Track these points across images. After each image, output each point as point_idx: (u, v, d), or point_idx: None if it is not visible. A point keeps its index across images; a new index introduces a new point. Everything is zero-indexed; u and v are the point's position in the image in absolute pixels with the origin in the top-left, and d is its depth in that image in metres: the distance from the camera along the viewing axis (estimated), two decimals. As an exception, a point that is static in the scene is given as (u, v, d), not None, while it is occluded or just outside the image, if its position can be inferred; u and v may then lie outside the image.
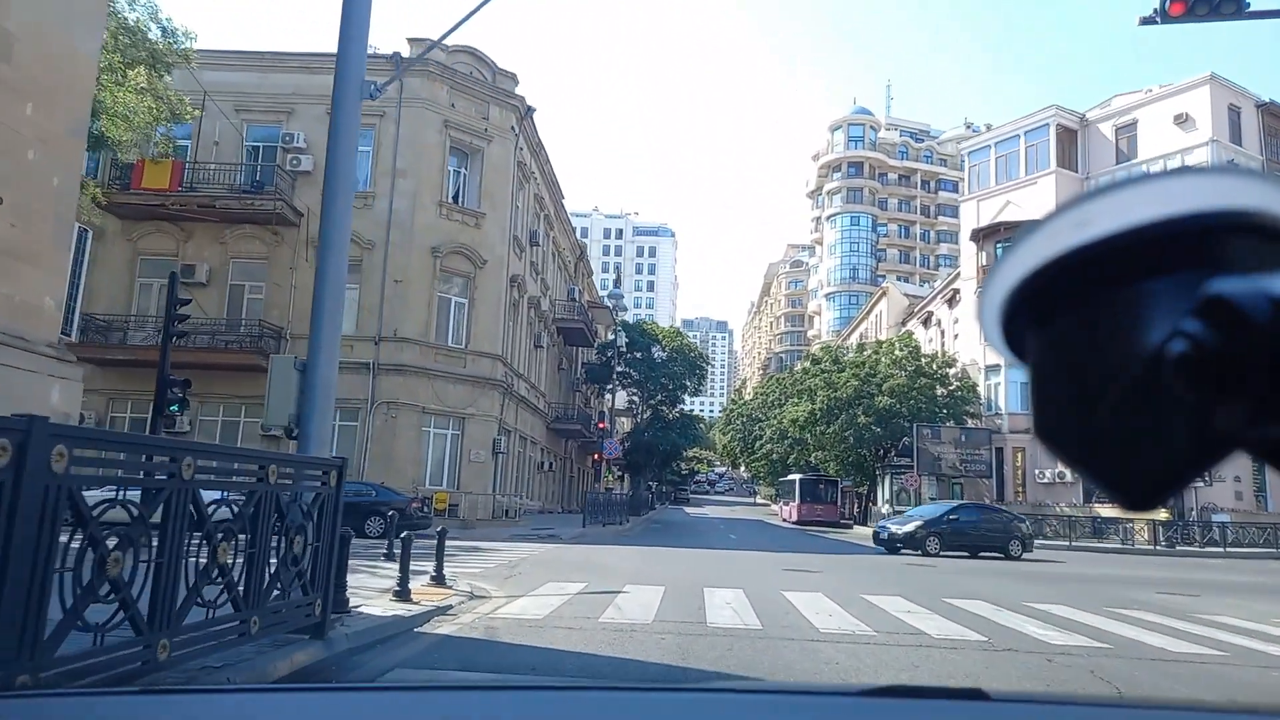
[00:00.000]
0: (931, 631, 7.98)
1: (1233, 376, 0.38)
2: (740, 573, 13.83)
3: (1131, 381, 0.42)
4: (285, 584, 4.72)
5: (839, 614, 8.92)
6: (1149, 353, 0.41)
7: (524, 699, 1.44)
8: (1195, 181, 0.44)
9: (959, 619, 8.96)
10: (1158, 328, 0.41)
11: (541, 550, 17.37)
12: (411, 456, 26.33)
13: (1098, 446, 0.44)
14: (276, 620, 4.56)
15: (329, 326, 6.46)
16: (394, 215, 26.93)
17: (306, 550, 4.89)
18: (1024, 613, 9.86)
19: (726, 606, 9.06)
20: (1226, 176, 0.43)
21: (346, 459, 5.44)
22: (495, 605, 8.57)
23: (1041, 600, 11.23)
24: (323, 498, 5.08)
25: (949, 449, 37.97)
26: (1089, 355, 0.44)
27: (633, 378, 51.75)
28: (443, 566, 9.57)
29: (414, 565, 9.25)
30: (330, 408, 6.49)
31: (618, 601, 9.06)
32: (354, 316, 26.62)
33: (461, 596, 8.89)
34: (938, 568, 17.59)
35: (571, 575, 11.98)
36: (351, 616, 6.43)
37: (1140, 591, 13.65)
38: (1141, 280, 0.42)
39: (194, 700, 1.46)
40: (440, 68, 28.06)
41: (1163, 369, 0.40)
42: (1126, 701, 3.03)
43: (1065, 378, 0.46)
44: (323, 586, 5.08)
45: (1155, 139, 37.28)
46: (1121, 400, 0.42)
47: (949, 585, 13.18)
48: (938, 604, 10.22)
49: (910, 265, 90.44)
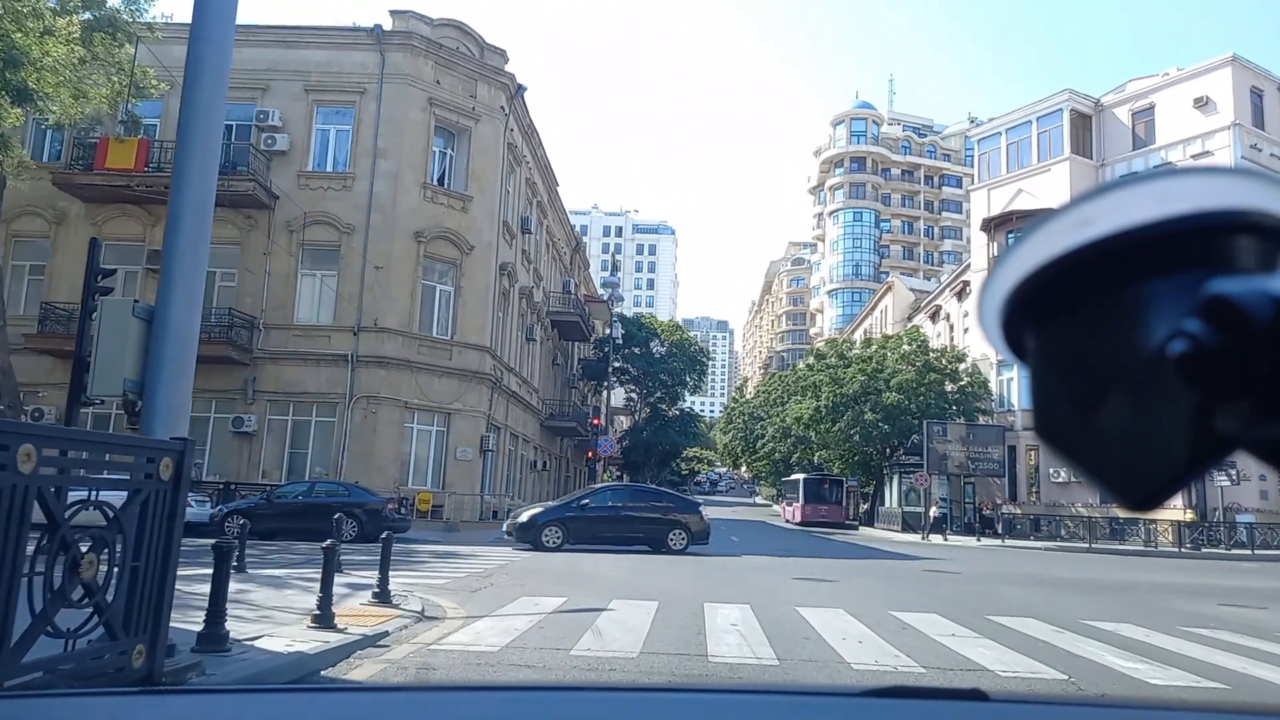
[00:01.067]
0: (993, 665, 6.33)
1: (1233, 376, 0.38)
2: (745, 583, 12.19)
3: (1132, 381, 0.41)
4: (77, 625, 3.10)
5: (870, 639, 7.27)
6: (1150, 352, 0.40)
7: (524, 699, 1.40)
8: (1196, 181, 0.43)
9: (1017, 645, 7.31)
10: (1158, 327, 0.40)
11: (524, 556, 15.73)
12: (393, 454, 24.69)
13: (1098, 446, 0.44)
14: (42, 684, 2.94)
15: (189, 256, 4.74)
16: (374, 198, 25.28)
17: (115, 574, 3.29)
18: (1087, 634, 8.23)
19: (732, 630, 7.42)
20: (1227, 176, 0.43)
21: (191, 441, 3.82)
22: (444, 631, 6.92)
23: (1100, 617, 9.59)
24: (147, 498, 3.46)
25: (956, 447, 36.33)
26: (1089, 355, 0.44)
27: (631, 373, 50.07)
28: (388, 580, 7.91)
29: (363, 577, 7.68)
30: (189, 371, 4.79)
31: (599, 624, 7.41)
32: (332, 305, 25.06)
33: (407, 618, 7.26)
34: (963, 575, 15.93)
35: (550, 587, 10.34)
36: (229, 657, 4.80)
37: (1199, 603, 12.02)
38: (1142, 280, 0.42)
39: (194, 700, 1.42)
40: (425, 42, 26.43)
41: (1163, 369, 0.39)
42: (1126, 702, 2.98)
43: (1066, 377, 0.46)
44: (147, 624, 3.47)
45: (1174, 123, 35.70)
46: (1122, 400, 0.42)
47: (981, 597, 11.54)
48: (983, 623, 8.57)
49: (914, 261, 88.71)
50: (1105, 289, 0.43)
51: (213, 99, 4.85)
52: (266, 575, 9.82)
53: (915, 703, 1.27)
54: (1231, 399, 0.38)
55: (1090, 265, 0.43)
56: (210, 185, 4.99)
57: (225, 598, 4.91)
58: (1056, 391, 0.46)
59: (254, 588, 8.66)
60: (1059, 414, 0.46)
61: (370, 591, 7.90)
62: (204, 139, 4.76)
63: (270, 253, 24.93)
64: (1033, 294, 0.46)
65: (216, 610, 4.84)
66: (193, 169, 4.77)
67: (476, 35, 28.77)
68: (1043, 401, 0.47)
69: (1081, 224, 0.43)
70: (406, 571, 11.79)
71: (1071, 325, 0.45)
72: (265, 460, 24.21)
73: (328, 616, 6.24)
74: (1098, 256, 0.43)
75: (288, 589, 8.42)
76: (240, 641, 5.25)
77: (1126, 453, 0.43)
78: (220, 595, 4.85)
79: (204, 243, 4.97)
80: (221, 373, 23.94)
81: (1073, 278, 0.44)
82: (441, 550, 16.47)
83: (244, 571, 10.06)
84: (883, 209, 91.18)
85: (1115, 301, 0.43)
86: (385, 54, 26.06)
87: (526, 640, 6.55)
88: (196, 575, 9.45)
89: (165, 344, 4.53)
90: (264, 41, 26.18)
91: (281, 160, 25.36)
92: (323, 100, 26.09)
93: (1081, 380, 0.44)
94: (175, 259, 4.66)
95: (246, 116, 25.68)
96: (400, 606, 7.70)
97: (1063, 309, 0.45)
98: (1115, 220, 0.42)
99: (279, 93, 25.85)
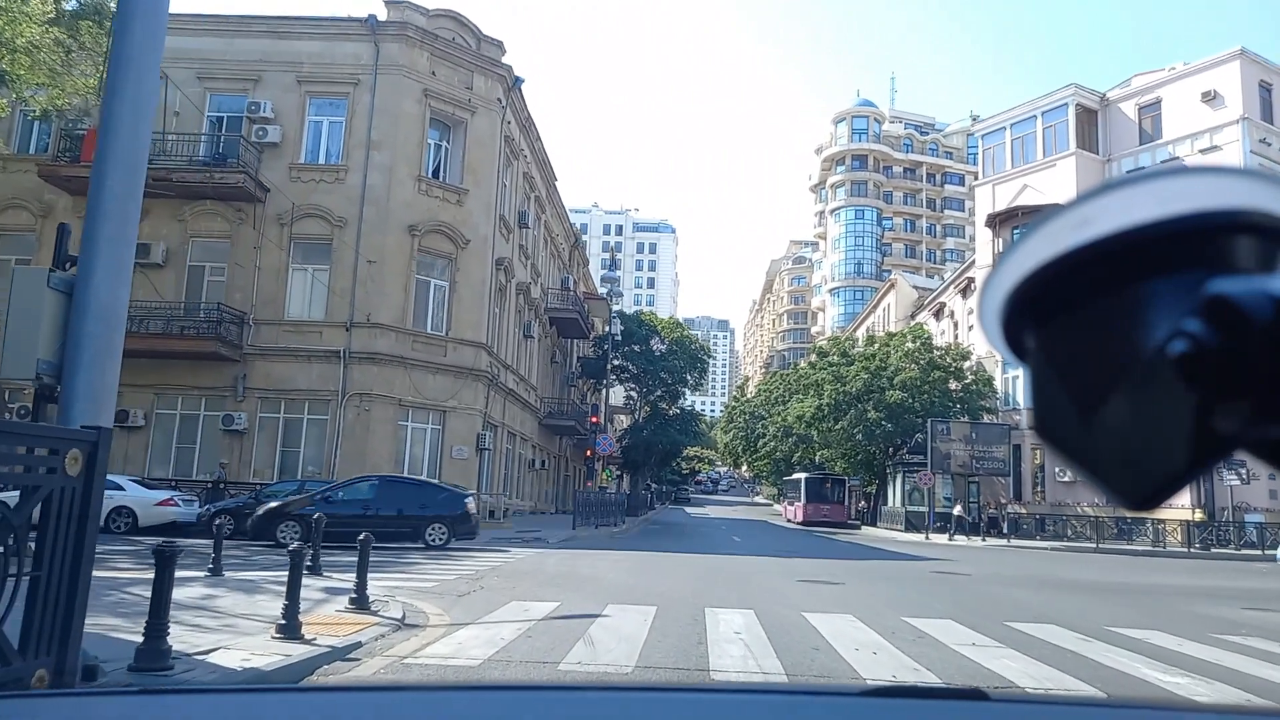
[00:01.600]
0: (1021, 680, 5.80)
1: (1233, 376, 0.38)
2: (748, 586, 11.66)
3: (1132, 381, 0.41)
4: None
5: (885, 650, 6.73)
6: (1150, 352, 0.40)
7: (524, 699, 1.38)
8: (1195, 181, 0.43)
9: (1044, 656, 6.77)
10: (1158, 327, 0.40)
11: (520, 557, 15.19)
12: (387, 453, 24.10)
13: (1098, 446, 0.44)
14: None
15: (115, 220, 4.13)
16: (368, 190, 24.70)
17: (8, 584, 2.76)
18: (1116, 642, 7.69)
19: (736, 639, 6.88)
20: (1226, 176, 0.43)
21: (108, 431, 3.28)
22: (423, 641, 6.37)
23: (1124, 623, 9.06)
24: (50, 497, 2.93)
25: (960, 446, 35.79)
26: (1089, 355, 0.44)
27: (630, 371, 49.35)
28: (366, 584, 7.37)
29: (345, 580, 7.16)
30: (116, 353, 4.19)
31: (592, 632, 6.88)
32: (324, 300, 24.50)
33: (385, 626, 6.72)
34: (972, 576, 15.39)
35: (544, 591, 9.80)
36: (169, 676, 4.26)
37: (1222, 607, 11.50)
38: (1142, 280, 0.42)
39: (194, 700, 1.40)
40: (419, 32, 25.86)
41: (1163, 369, 0.39)
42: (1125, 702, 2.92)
43: (1066, 377, 0.46)
44: (52, 646, 2.93)
45: (1181, 118, 35.17)
46: (1122, 400, 0.42)
47: (996, 601, 11.00)
48: (1004, 631, 8.04)
49: (916, 260, 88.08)
50: (1105, 289, 0.43)
51: (146, 39, 4.24)
52: (239, 579, 9.27)
53: (915, 702, 1.24)
54: (1231, 399, 0.38)
55: (1090, 265, 0.43)
56: (144, 140, 4.41)
57: (167, 609, 4.37)
58: (1056, 391, 0.46)
59: (223, 593, 8.12)
60: (1059, 414, 0.46)
61: (348, 597, 7.36)
62: (136, 84, 4.18)
63: (261, 247, 24.35)
64: (1033, 294, 0.45)
65: (157, 623, 4.30)
66: (122, 118, 4.17)
67: (473, 26, 28.22)
68: (1043, 402, 0.47)
69: (1081, 224, 0.43)
70: (394, 573, 11.27)
71: (1071, 325, 0.44)
72: (257, 459, 23.68)
73: (294, 626, 5.70)
74: (1098, 256, 0.43)
75: (260, 594, 7.89)
76: (188, 657, 4.73)
77: (1127, 453, 0.43)
78: (161, 606, 4.31)
79: (134, 203, 4.37)
80: (211, 369, 23.43)
81: (1073, 278, 0.44)
82: (434, 551, 15.94)
83: (219, 575, 9.53)
84: (885, 207, 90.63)
85: (1115, 301, 0.43)
86: (379, 44, 25.51)
87: (511, 652, 6.02)
88: (178, 579, 8.97)
89: (87, 321, 3.96)
90: (255, 32, 25.70)
91: (273, 152, 24.78)
92: (315, 91, 25.54)
93: (1081, 380, 0.44)
94: (100, 222, 4.07)
95: (238, 108, 25.17)
96: (379, 613, 7.16)
97: (1063, 309, 0.45)
98: (1115, 220, 0.42)
99: (271, 84, 25.29)
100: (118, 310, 4.17)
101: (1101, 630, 8.36)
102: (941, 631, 7.77)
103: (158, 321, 23.24)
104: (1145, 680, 5.98)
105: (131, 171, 4.17)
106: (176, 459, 23.78)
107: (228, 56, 25.49)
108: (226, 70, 25.41)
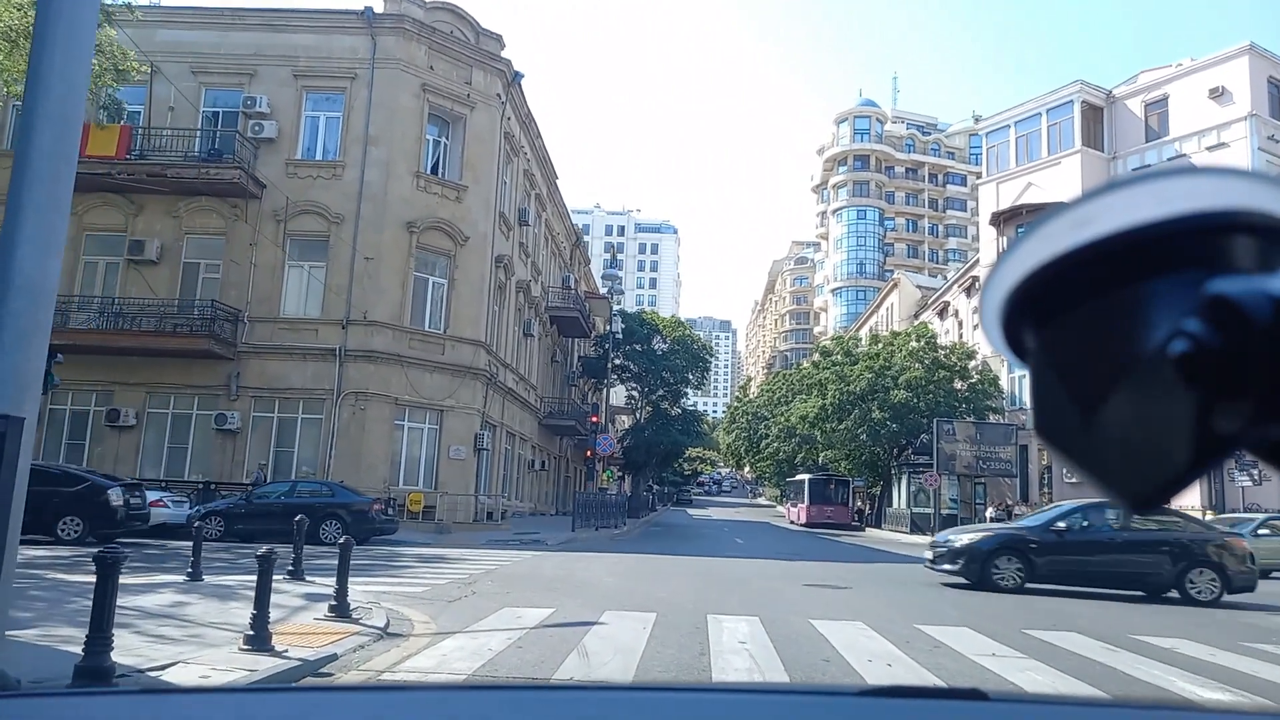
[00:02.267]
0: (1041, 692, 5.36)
1: (1234, 376, 0.38)
2: (752, 591, 11.22)
3: (1133, 381, 0.41)
4: None
5: (900, 661, 6.30)
6: (1150, 352, 0.40)
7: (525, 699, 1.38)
8: (1196, 181, 0.43)
9: (1069, 667, 6.34)
10: (1159, 327, 0.40)
11: (516, 560, 14.75)
12: (383, 453, 23.68)
13: (1099, 446, 0.44)
14: None
15: (45, 183, 3.66)
16: (365, 186, 24.27)
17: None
18: (1143, 652, 7.26)
19: (741, 650, 6.45)
20: (1227, 176, 0.43)
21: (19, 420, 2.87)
22: (405, 653, 5.94)
23: (1148, 630, 8.61)
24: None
25: (966, 446, 35.32)
26: (1090, 355, 0.44)
27: (632, 370, 48.87)
28: (347, 590, 6.93)
29: (328, 585, 6.72)
30: (44, 333, 3.75)
31: (586, 642, 6.44)
32: (320, 298, 24.07)
33: (367, 636, 6.29)
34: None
35: (538, 597, 9.36)
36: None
37: (1246, 614, 11.06)
38: (1142, 280, 0.42)
39: (194, 700, 1.38)
40: (417, 25, 25.45)
41: (1164, 369, 0.39)
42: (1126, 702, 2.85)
43: (1066, 377, 0.46)
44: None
45: (1188, 115, 34.70)
46: (1123, 400, 0.42)
47: (1012, 607, 10.55)
48: (1023, 640, 7.59)
49: (919, 260, 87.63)
50: (1105, 289, 0.43)
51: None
52: (215, 585, 8.84)
53: (915, 702, 1.22)
54: (1232, 399, 0.38)
55: (1090, 265, 0.43)
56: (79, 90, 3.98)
57: (110, 621, 3.94)
58: (1057, 391, 0.46)
59: (196, 599, 7.69)
60: (1060, 414, 0.45)
61: (328, 604, 6.93)
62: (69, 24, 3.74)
63: (256, 244, 23.94)
64: (1033, 294, 0.45)
65: (99, 636, 3.88)
66: (52, 63, 3.73)
67: (472, 20, 27.80)
68: (1043, 401, 0.47)
69: (1082, 223, 0.43)
70: (383, 577, 10.85)
71: (1072, 325, 0.44)
72: (250, 459, 23.25)
73: (263, 637, 5.27)
74: (1098, 256, 0.43)
75: (235, 600, 7.45)
76: (139, 673, 4.30)
77: (1127, 453, 0.42)
78: (103, 619, 3.89)
79: (68, 165, 3.95)
80: (204, 368, 23.03)
81: (1073, 278, 0.44)
82: (428, 554, 15.52)
83: (199, 579, 9.10)
84: (887, 207, 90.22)
85: (1115, 301, 0.42)
86: (377, 38, 25.11)
87: (499, 665, 5.59)
88: (151, 585, 8.56)
89: (10, 297, 3.52)
90: (251, 25, 25.29)
91: (269, 148, 24.38)
92: (312, 86, 25.14)
93: (1082, 380, 0.44)
94: (27, 186, 3.64)
95: (233, 103, 24.75)
96: (360, 621, 6.73)
97: (1063, 309, 0.44)
98: (1115, 220, 0.42)
99: (266, 78, 24.89)
100: (47, 286, 3.72)
101: (1126, 638, 7.91)
102: (958, 640, 7.33)
103: (150, 319, 22.87)
104: (1183, 696, 5.54)
105: (64, 125, 3.75)
106: (168, 459, 23.38)
107: (222, 50, 25.09)
108: (221, 64, 25.01)
